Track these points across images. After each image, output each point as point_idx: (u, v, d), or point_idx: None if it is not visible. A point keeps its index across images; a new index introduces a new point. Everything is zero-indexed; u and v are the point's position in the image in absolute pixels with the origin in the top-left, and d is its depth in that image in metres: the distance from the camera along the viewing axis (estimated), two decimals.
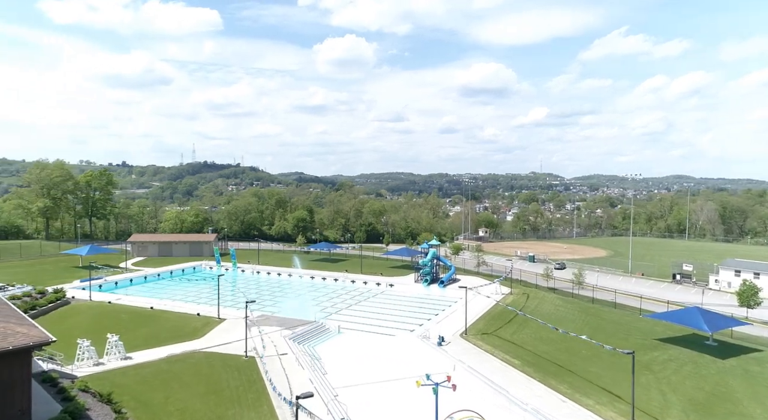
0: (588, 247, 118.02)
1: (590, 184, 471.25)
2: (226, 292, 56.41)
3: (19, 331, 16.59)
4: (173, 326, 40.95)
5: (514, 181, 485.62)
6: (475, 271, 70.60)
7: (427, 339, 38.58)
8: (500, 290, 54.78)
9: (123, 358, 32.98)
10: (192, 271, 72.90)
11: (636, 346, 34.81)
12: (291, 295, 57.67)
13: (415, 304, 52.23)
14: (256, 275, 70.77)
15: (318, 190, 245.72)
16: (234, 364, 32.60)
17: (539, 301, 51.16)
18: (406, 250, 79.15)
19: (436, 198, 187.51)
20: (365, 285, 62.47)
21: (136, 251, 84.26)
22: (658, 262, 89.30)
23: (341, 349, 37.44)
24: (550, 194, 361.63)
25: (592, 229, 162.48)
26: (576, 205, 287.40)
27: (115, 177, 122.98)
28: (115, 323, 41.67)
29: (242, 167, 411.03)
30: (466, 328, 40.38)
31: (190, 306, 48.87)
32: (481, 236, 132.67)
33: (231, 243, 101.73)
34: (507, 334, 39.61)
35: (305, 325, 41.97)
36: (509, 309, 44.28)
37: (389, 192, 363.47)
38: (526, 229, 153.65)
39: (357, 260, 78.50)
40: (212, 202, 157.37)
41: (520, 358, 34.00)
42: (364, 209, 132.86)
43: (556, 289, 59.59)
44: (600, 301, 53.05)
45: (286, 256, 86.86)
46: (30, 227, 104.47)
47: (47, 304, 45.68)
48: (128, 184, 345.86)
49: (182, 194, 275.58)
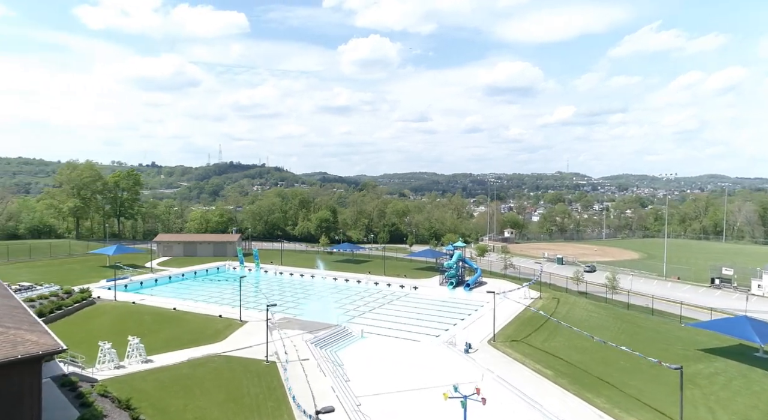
0: (618, 248, 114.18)
1: (619, 184, 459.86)
2: (248, 293, 55.99)
3: (29, 339, 15.94)
4: (195, 328, 40.50)
5: (540, 181, 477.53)
6: (501, 274, 68.54)
7: (453, 345, 37.07)
8: (529, 294, 52.75)
9: (144, 361, 32.52)
10: (216, 272, 72.94)
11: (678, 357, 32.67)
12: (314, 297, 56.84)
13: (440, 308, 50.71)
14: (279, 276, 70.29)
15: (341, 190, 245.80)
16: (255, 369, 31.77)
17: (570, 306, 48.98)
18: (430, 251, 77.60)
19: (460, 198, 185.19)
20: (389, 287, 61.23)
21: (162, 251, 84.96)
22: (694, 265, 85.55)
23: (364, 354, 36.27)
24: (577, 194, 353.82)
25: (622, 230, 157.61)
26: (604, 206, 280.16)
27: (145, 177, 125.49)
28: (138, 324, 41.55)
29: (267, 167, 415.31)
30: (494, 334, 38.69)
31: (213, 307, 48.50)
32: (506, 237, 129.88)
33: (255, 243, 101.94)
34: (538, 341, 37.76)
35: (328, 328, 40.98)
36: (539, 314, 42.39)
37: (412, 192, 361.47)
38: (553, 230, 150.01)
39: (380, 261, 77.37)
40: (237, 202, 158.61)
41: (553, 368, 32.18)
42: (387, 209, 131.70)
43: (588, 294, 57.18)
44: (635, 307, 50.52)
45: (309, 257, 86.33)
46: (61, 227, 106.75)
47: (73, 304, 45.89)
48: (157, 184, 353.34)
49: (208, 194, 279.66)
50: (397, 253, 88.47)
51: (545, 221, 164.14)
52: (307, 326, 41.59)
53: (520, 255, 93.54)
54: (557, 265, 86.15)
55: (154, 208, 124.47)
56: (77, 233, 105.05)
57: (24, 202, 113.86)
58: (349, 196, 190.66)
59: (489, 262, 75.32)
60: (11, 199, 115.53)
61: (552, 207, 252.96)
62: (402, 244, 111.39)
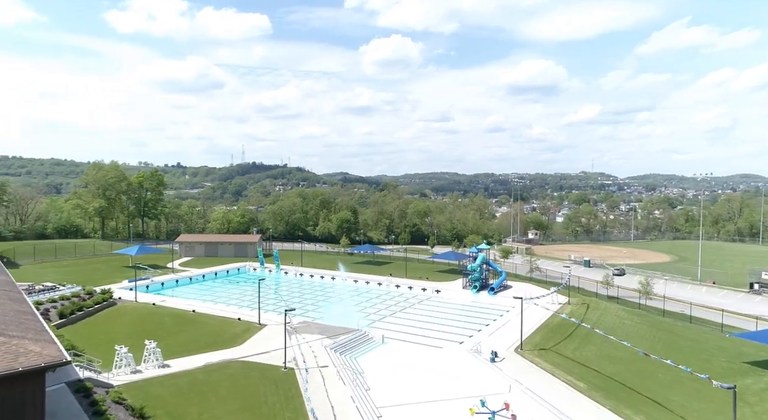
0: (648, 251, 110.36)
1: (646, 184, 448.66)
2: (268, 295, 55.32)
3: (32, 350, 15.15)
4: (213, 331, 39.80)
5: (564, 181, 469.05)
6: (527, 277, 66.38)
7: (478, 353, 35.44)
8: (557, 299, 50.61)
9: (160, 365, 31.85)
10: (236, 273, 72.63)
11: (723, 370, 30.45)
12: (333, 300, 55.80)
13: (464, 313, 49.04)
14: (299, 277, 69.55)
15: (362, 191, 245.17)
16: (272, 376, 30.76)
17: (601, 312, 46.70)
18: (452, 253, 75.86)
19: (482, 198, 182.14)
20: (410, 290, 59.79)
21: (184, 251, 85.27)
22: (730, 269, 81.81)
23: (385, 361, 34.95)
24: (603, 194, 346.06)
25: (651, 231, 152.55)
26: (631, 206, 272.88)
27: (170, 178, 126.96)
28: (157, 326, 41.10)
29: (289, 168, 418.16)
30: (522, 342, 36.91)
31: (232, 309, 47.83)
32: (530, 239, 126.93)
33: (275, 243, 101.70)
34: (568, 350, 35.84)
35: (347, 333, 39.79)
36: (569, 321, 40.40)
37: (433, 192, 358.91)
38: (578, 232, 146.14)
39: (401, 263, 75.98)
40: (258, 202, 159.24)
41: (586, 380, 30.29)
42: (408, 210, 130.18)
43: (619, 299, 54.71)
44: (671, 314, 48.00)
45: (329, 258, 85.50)
46: (87, 227, 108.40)
47: (94, 305, 45.79)
48: (182, 185, 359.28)
49: (231, 194, 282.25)
50: (419, 254, 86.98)
51: (570, 222, 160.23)
52: (327, 330, 40.50)
53: (545, 257, 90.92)
54: (584, 268, 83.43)
55: (177, 208, 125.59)
56: (103, 233, 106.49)
57: (52, 202, 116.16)
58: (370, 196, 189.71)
59: (513, 265, 73.16)
60: (39, 200, 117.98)
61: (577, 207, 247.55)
62: (423, 245, 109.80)
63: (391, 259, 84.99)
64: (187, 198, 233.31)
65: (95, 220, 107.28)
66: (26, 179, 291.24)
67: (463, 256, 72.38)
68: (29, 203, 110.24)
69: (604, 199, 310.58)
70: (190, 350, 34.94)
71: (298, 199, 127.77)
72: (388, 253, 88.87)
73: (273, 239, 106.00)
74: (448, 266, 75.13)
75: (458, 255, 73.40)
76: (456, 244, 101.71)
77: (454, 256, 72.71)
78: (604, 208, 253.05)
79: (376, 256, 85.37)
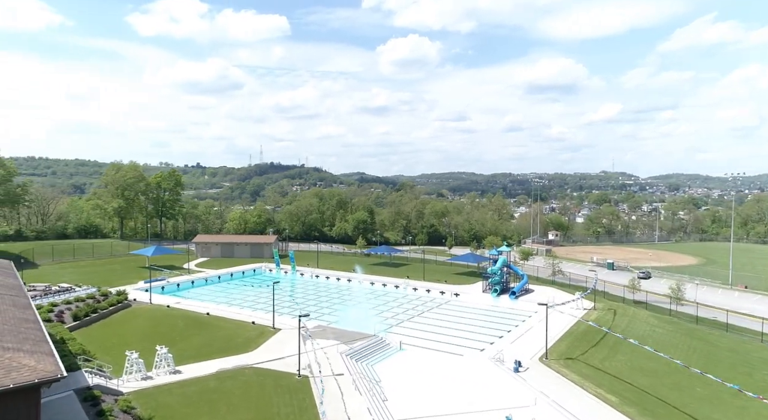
0: (674, 253, 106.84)
1: (669, 184, 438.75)
2: (284, 297, 54.37)
3: (26, 365, 14.19)
4: (227, 335, 38.91)
5: (583, 181, 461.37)
6: (549, 281, 64.25)
7: (500, 362, 33.79)
8: (582, 304, 48.49)
9: (172, 371, 30.96)
10: (252, 274, 71.97)
11: (765, 384, 28.27)
12: (350, 303, 54.56)
13: (484, 318, 47.32)
14: (315, 279, 68.52)
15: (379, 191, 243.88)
16: (286, 384, 29.64)
17: (629, 319, 44.54)
18: (471, 255, 74.03)
19: (501, 198, 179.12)
20: (428, 293, 58.24)
21: (200, 252, 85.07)
22: (762, 272, 78.49)
23: (403, 369, 33.54)
24: (624, 195, 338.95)
25: (676, 233, 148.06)
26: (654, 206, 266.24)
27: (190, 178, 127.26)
28: (170, 329, 40.40)
29: (306, 168, 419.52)
30: (547, 350, 35.12)
31: (246, 312, 46.94)
32: (551, 240, 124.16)
33: (292, 244, 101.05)
34: (596, 360, 33.94)
35: (364, 339, 38.49)
36: (595, 328, 38.42)
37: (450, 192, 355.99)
38: (600, 233, 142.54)
39: (419, 265, 74.46)
40: (275, 202, 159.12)
41: (617, 393, 28.43)
42: (425, 210, 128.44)
43: (647, 304, 52.32)
44: (703, 321, 45.57)
45: (345, 260, 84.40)
46: (107, 227, 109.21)
47: (108, 307, 45.36)
48: (201, 185, 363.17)
49: (250, 194, 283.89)
50: (437, 256, 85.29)
51: (591, 223, 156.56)
52: (343, 336, 39.26)
53: (566, 259, 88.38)
54: (607, 271, 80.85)
55: (194, 208, 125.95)
56: (121, 233, 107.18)
57: (72, 202, 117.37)
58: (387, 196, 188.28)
59: (536, 268, 70.96)
60: (61, 200, 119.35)
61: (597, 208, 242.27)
62: (441, 246, 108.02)
63: (408, 260, 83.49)
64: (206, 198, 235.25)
65: (114, 220, 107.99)
66: (51, 179, 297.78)
67: (482, 259, 70.56)
68: (50, 203, 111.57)
69: (625, 199, 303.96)
70: (203, 355, 34.04)
71: (315, 200, 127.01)
72: (405, 255, 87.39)
73: (289, 240, 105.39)
74: (467, 268, 73.34)
75: (477, 257, 71.57)
76: (474, 246, 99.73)
77: (473, 258, 70.85)
78: (625, 208, 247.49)
79: (392, 257, 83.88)
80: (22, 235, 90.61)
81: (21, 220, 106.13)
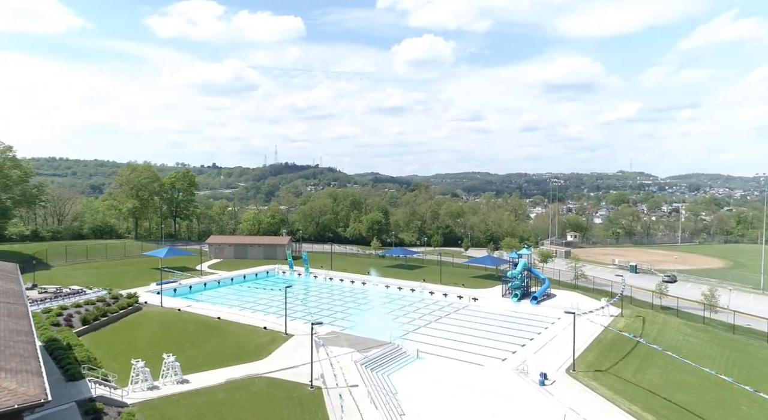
0: (698, 255, 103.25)
1: (689, 184, 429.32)
2: (296, 301, 52.99)
3: (6, 387, 12.83)
4: (237, 341, 37.58)
5: (600, 181, 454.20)
6: (572, 285, 61.83)
7: (524, 374, 31.84)
8: (608, 311, 46.14)
9: (179, 381, 29.65)
10: (265, 276, 70.81)
11: None
12: (364, 308, 52.92)
13: (505, 325, 45.28)
14: (329, 282, 67.07)
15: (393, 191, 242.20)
16: (297, 395, 28.12)
17: (660, 327, 42.15)
18: (489, 258, 71.84)
19: (517, 199, 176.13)
20: (445, 297, 56.37)
21: (213, 253, 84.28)
22: None
23: (420, 380, 31.80)
24: (643, 195, 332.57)
25: (698, 234, 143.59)
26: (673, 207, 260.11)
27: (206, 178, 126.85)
28: (180, 335, 39.23)
29: (320, 168, 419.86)
30: (574, 361, 33.05)
31: (258, 317, 45.63)
32: (569, 241, 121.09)
33: (305, 245, 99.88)
34: (628, 372, 31.78)
35: (379, 347, 36.84)
36: (624, 337, 36.24)
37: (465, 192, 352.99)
38: (620, 234, 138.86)
39: (435, 268, 72.54)
40: (290, 202, 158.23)
41: (653, 410, 26.32)
42: (441, 211, 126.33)
43: (678, 311, 49.61)
44: (738, 329, 42.93)
45: (359, 261, 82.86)
46: (122, 227, 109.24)
47: (118, 311, 44.42)
48: (217, 185, 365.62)
49: (264, 194, 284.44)
50: (453, 257, 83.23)
51: (611, 224, 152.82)
52: (357, 343, 37.66)
53: (586, 261, 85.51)
54: (630, 274, 78.02)
55: (208, 209, 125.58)
56: (136, 234, 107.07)
57: (88, 203, 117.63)
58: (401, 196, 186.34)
59: (555, 271, 68.58)
60: (76, 200, 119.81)
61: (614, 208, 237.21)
62: (456, 248, 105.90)
63: (423, 262, 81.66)
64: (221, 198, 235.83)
65: (129, 220, 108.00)
66: (72, 180, 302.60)
67: (500, 261, 68.41)
68: (66, 204, 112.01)
69: (644, 199, 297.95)
70: (212, 363, 32.72)
71: (329, 200, 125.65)
72: (421, 257, 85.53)
73: (303, 241, 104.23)
74: (485, 271, 71.24)
75: (495, 259, 69.38)
76: (491, 247, 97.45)
77: (491, 260, 68.65)
78: (644, 209, 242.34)
79: (408, 259, 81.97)
80: (38, 236, 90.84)
81: (38, 221, 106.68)
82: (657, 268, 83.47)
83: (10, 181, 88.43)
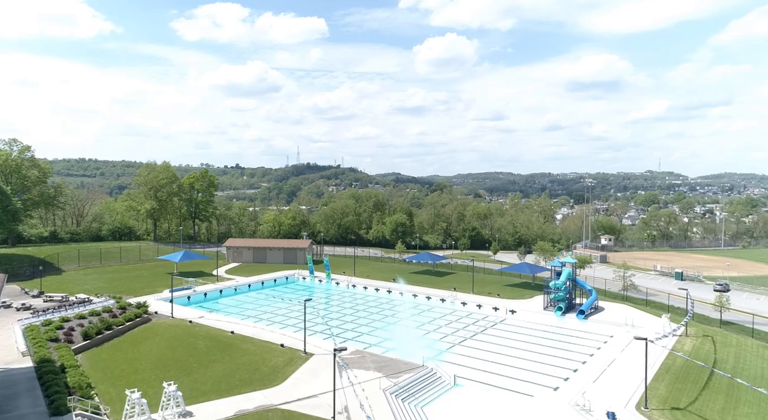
0: (745, 260, 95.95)
1: (721, 184, 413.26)
2: (317, 313, 48.73)
3: None
4: (251, 362, 33.42)
5: (627, 181, 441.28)
6: (620, 296, 56.02)
7: (585, 411, 26.77)
8: (669, 329, 40.47)
9: (182, 413, 25.59)
10: (284, 282, 66.82)
11: None
12: (391, 320, 48.26)
13: (551, 343, 40.03)
14: (352, 289, 62.69)
15: (414, 191, 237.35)
16: None
17: (736, 350, 36.45)
18: (526, 265, 66.33)
19: (546, 199, 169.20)
20: (479, 309, 51.35)
21: (231, 257, 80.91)
22: None
23: (460, 414, 27.08)
24: (674, 195, 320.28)
25: (741, 237, 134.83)
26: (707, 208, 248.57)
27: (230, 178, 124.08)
28: (188, 353, 35.25)
29: (342, 168, 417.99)
30: (646, 395, 27.81)
31: (275, 330, 41.52)
32: (604, 245, 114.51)
33: (327, 248, 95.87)
34: (713, 411, 26.44)
35: (411, 371, 32.21)
36: (698, 364, 30.82)
37: (488, 192, 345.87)
38: (656, 237, 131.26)
39: (465, 274, 67.52)
40: (311, 203, 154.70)
41: None
42: (466, 212, 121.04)
43: (752, 330, 43.49)
44: None
45: (384, 267, 78.34)
46: (140, 229, 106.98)
47: (125, 323, 40.81)
48: (240, 185, 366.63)
49: (287, 195, 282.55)
50: (484, 263, 77.93)
51: (646, 226, 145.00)
52: (385, 366, 33.13)
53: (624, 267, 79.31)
54: (675, 282, 71.77)
55: (228, 210, 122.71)
56: (155, 235, 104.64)
57: (106, 203, 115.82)
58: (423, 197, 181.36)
59: (598, 279, 62.71)
60: (95, 200, 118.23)
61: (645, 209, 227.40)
62: (484, 251, 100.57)
63: (452, 268, 76.65)
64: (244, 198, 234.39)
65: (148, 221, 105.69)
66: (100, 180, 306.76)
67: (538, 268, 62.98)
68: (85, 205, 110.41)
69: (675, 200, 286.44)
70: (221, 390, 28.60)
71: (351, 201, 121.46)
72: (448, 261, 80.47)
73: (324, 243, 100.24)
74: (520, 279, 65.90)
75: (533, 267, 63.87)
76: (522, 251, 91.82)
77: (528, 268, 63.10)
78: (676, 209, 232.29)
79: (436, 265, 76.89)
80: (57, 237, 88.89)
81: (57, 222, 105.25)
82: (705, 276, 76.85)
83: (29, 182, 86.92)
